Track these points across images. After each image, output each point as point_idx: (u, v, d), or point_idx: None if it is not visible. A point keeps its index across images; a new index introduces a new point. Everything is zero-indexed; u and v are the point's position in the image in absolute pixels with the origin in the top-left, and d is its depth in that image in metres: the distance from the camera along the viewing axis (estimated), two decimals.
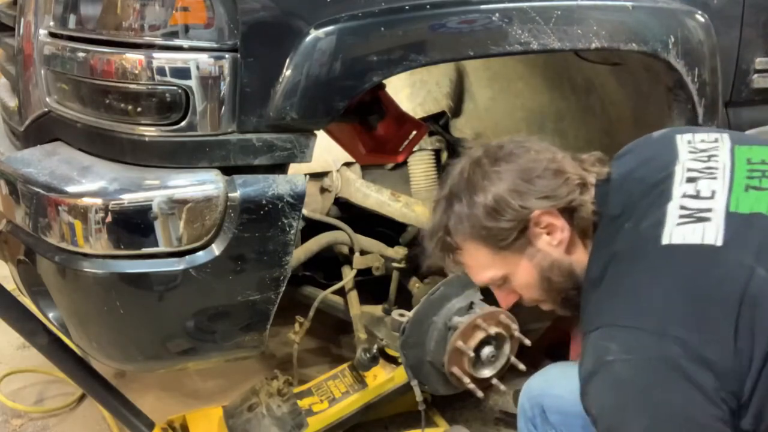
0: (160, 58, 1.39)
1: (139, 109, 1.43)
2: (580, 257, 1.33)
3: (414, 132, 1.86)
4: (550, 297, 1.39)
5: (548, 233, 1.31)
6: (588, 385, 1.18)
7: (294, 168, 1.53)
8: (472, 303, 1.95)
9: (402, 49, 1.49)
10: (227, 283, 1.52)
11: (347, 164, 2.35)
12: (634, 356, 1.13)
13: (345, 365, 2.17)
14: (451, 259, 1.40)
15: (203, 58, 1.39)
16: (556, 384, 1.45)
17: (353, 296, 2.27)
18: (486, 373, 1.94)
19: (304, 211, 2.09)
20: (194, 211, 1.43)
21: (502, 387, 1.93)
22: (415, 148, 2.16)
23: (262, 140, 1.46)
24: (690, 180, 1.26)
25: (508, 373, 1.98)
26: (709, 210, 1.20)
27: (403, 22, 1.48)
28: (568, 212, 1.30)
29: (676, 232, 1.19)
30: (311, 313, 2.15)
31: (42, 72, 1.58)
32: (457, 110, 2.60)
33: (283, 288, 1.58)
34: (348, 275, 2.26)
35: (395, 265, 2.19)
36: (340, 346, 2.76)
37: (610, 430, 1.16)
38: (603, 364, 1.15)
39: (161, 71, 1.39)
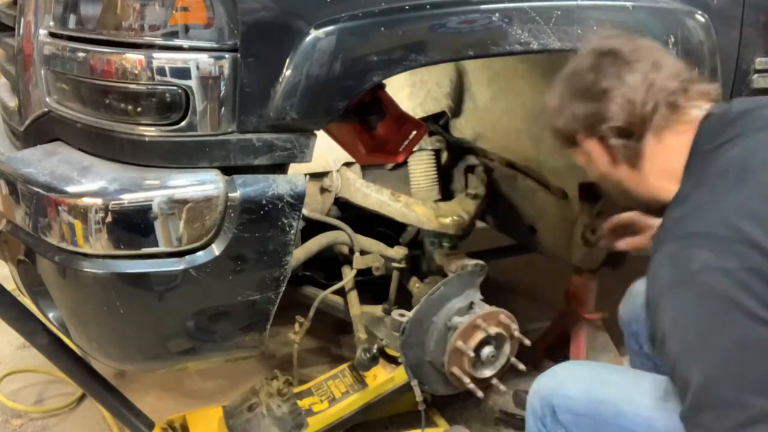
0: (160, 58, 1.39)
1: (139, 109, 1.43)
2: (668, 185, 1.34)
3: (414, 132, 1.86)
4: (633, 205, 1.50)
5: (648, 155, 1.33)
6: (664, 297, 1.17)
7: (294, 168, 1.53)
8: (472, 303, 1.95)
9: (402, 49, 1.49)
10: (227, 283, 1.52)
11: (347, 164, 2.35)
12: (718, 265, 1.13)
13: (345, 365, 2.17)
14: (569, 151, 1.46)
15: (203, 58, 1.40)
16: (568, 384, 1.45)
17: (353, 296, 2.27)
18: (486, 373, 1.94)
19: (304, 211, 2.09)
20: (194, 211, 1.43)
21: (502, 387, 1.93)
22: (415, 148, 2.16)
23: (262, 140, 1.46)
24: None
25: (508, 373, 1.98)
26: None
27: (403, 22, 1.48)
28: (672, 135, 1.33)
29: None
30: (311, 313, 2.15)
31: (42, 72, 1.58)
32: (457, 110, 2.60)
33: (283, 288, 1.58)
34: (348, 275, 2.25)
35: (395, 265, 2.19)
36: (340, 346, 2.76)
37: (689, 344, 1.15)
38: (689, 274, 1.15)
39: (161, 71, 1.39)
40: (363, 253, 2.23)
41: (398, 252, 2.20)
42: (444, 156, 2.57)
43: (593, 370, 1.49)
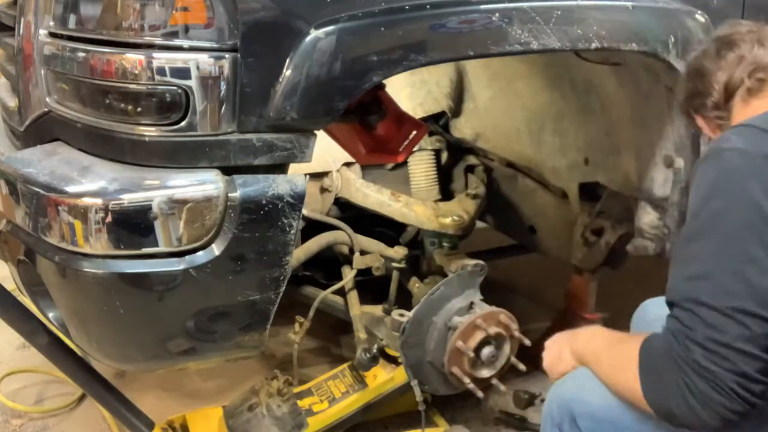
0: (160, 58, 1.39)
1: (139, 109, 1.43)
2: None
3: (414, 132, 1.85)
4: None
5: (736, 119, 1.40)
6: (696, 170, 1.30)
7: (294, 168, 1.53)
8: (472, 303, 1.95)
9: (402, 49, 1.48)
10: (227, 283, 1.52)
11: (347, 164, 2.35)
12: (748, 148, 1.23)
13: (345, 365, 2.17)
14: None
15: (203, 58, 1.39)
16: (588, 389, 1.43)
17: (353, 296, 2.27)
18: (486, 373, 1.94)
19: (304, 211, 2.09)
20: (194, 211, 1.43)
21: (502, 387, 1.93)
22: (415, 148, 2.16)
23: (262, 140, 1.46)
24: None
25: (508, 373, 1.98)
26: None
27: (403, 22, 1.48)
28: None
29: None
30: (311, 313, 2.15)
31: (42, 72, 1.57)
32: (457, 110, 2.60)
33: (283, 288, 1.58)
34: (348, 275, 2.26)
35: (395, 265, 2.19)
36: (340, 346, 2.76)
37: (692, 207, 1.27)
38: (718, 150, 1.26)
39: (161, 71, 1.39)
40: (363, 253, 2.23)
41: (398, 252, 2.20)
42: (444, 156, 2.57)
43: None
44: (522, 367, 1.94)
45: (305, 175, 1.54)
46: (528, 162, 2.46)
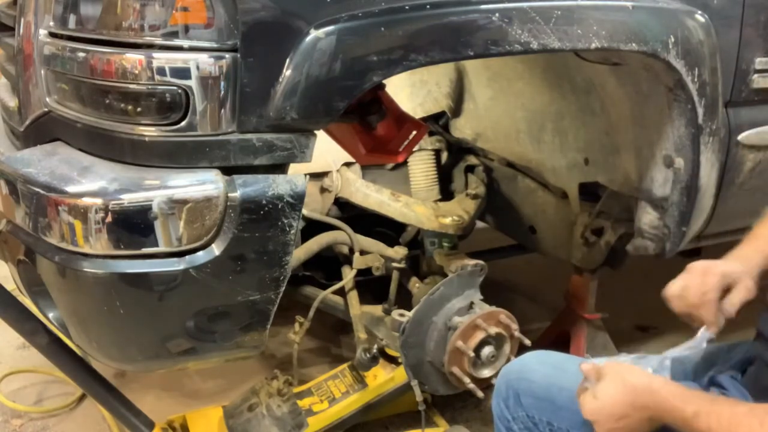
0: (160, 58, 1.39)
1: (139, 109, 1.43)
2: None
3: (414, 132, 1.86)
4: None
5: None
6: None
7: (294, 168, 1.54)
8: (472, 303, 1.96)
9: (402, 49, 1.48)
10: (227, 283, 1.52)
11: (347, 164, 2.35)
12: None
13: (345, 365, 2.17)
14: None
15: (203, 58, 1.39)
16: (532, 369, 1.50)
17: (353, 296, 2.27)
18: (486, 373, 1.95)
19: (304, 211, 2.09)
20: (194, 211, 1.43)
21: None
22: (415, 148, 2.16)
23: (262, 140, 1.46)
24: None
25: None
26: None
27: (403, 22, 1.48)
28: None
29: None
30: (311, 313, 2.15)
31: (42, 72, 1.57)
32: (457, 110, 2.60)
33: (283, 288, 1.58)
34: (348, 275, 2.26)
35: (395, 265, 2.19)
36: (340, 346, 2.76)
37: None
38: None
39: (161, 71, 1.39)
40: (363, 253, 2.23)
41: (398, 252, 2.20)
42: (444, 156, 2.57)
43: (558, 359, 1.53)
44: None
45: (305, 175, 1.54)
46: (528, 162, 2.46)
